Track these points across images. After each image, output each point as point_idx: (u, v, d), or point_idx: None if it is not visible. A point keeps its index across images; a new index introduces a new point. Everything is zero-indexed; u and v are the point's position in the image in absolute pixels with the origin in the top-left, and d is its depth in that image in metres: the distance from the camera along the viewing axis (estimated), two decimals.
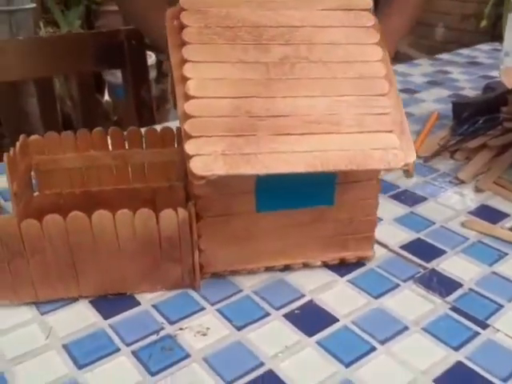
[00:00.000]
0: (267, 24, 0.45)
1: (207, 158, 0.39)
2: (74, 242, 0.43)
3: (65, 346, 0.41)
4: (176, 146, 0.56)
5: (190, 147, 0.39)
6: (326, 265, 0.50)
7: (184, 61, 0.42)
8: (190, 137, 0.39)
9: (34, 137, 0.53)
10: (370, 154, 0.41)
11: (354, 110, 0.43)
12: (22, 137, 0.51)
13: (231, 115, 0.41)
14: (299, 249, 0.48)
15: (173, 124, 0.57)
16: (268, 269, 0.49)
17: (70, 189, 0.55)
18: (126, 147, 0.55)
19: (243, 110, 0.41)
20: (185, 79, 0.41)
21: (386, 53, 0.46)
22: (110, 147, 0.54)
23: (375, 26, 0.47)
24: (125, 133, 0.54)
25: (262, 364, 0.39)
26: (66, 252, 0.43)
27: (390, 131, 0.43)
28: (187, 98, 0.41)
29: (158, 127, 0.55)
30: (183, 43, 0.43)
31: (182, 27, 0.43)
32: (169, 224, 0.43)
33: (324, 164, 0.41)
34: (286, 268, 0.49)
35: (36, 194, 0.54)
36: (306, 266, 0.49)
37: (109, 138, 0.54)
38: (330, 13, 0.47)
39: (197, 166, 0.38)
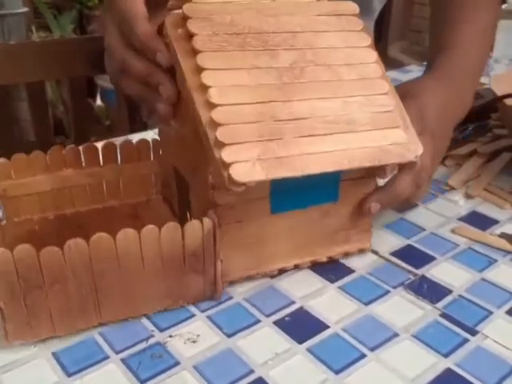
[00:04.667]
0: (270, 30, 0.46)
1: (245, 165, 0.39)
2: (98, 266, 0.40)
3: (54, 354, 0.41)
4: (152, 158, 0.56)
5: (227, 155, 0.39)
6: (316, 271, 0.50)
7: (200, 69, 0.42)
8: (223, 145, 0.39)
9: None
10: (386, 150, 0.44)
11: (363, 109, 0.45)
12: None
13: (257, 121, 0.41)
14: (308, 247, 0.50)
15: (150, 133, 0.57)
16: (280, 271, 0.49)
17: (41, 214, 0.52)
18: (101, 163, 0.54)
19: (267, 115, 0.42)
20: (204, 87, 0.41)
21: (378, 55, 0.49)
22: (84, 164, 0.53)
23: (364, 29, 0.49)
24: (99, 148, 0.53)
25: (251, 371, 0.39)
26: (88, 278, 0.40)
27: (397, 127, 0.46)
28: (211, 106, 0.41)
29: (137, 137, 0.55)
30: (194, 51, 0.42)
31: (188, 35, 0.43)
32: (194, 235, 0.42)
33: (350, 162, 0.43)
34: (278, 273, 0.49)
35: (3, 223, 0.51)
36: (296, 267, 0.50)
37: (82, 155, 0.53)
38: (325, 18, 0.48)
39: (237, 173, 0.39)
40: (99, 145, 0.54)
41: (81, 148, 0.53)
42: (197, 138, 0.44)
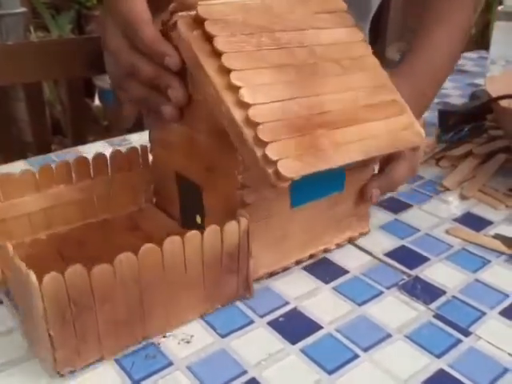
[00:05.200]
0: (279, 29, 0.47)
1: (288, 161, 0.40)
2: (145, 279, 0.39)
3: None
4: (141, 166, 0.55)
5: (272, 152, 0.40)
6: (310, 272, 0.50)
7: (226, 69, 0.42)
8: (265, 143, 0.40)
9: None
10: (400, 136, 0.47)
11: (372, 99, 0.48)
12: None
13: (286, 118, 0.42)
14: (320, 237, 0.52)
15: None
16: (297, 262, 0.51)
17: (33, 235, 0.50)
18: (91, 174, 0.53)
19: (294, 112, 0.43)
20: (234, 88, 0.41)
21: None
22: (74, 178, 0.52)
23: (356, 25, 0.51)
24: (90, 160, 0.52)
25: (245, 372, 0.39)
26: (136, 293, 0.39)
27: (403, 113, 0.49)
28: (245, 105, 0.41)
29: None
30: (215, 53, 0.43)
31: (206, 36, 0.43)
32: (232, 236, 0.43)
33: (375, 150, 0.45)
34: (272, 274, 0.49)
35: None
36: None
37: (72, 169, 0.51)
38: (321, 15, 0.50)
39: (285, 169, 0.40)
40: (90, 156, 0.53)
41: (71, 162, 0.51)
42: (214, 139, 0.45)
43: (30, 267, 0.36)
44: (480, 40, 2.52)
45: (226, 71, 0.42)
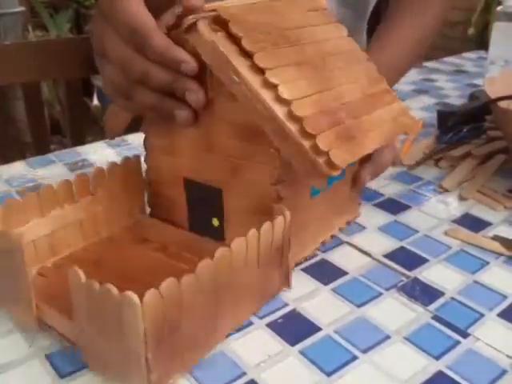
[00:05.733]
0: (286, 27, 0.47)
1: (336, 150, 0.42)
2: (219, 284, 0.39)
3: (47, 356, 0.41)
4: (136, 176, 0.55)
5: (322, 143, 0.41)
6: (310, 273, 0.50)
7: (259, 69, 0.43)
8: (313, 135, 0.41)
9: None
10: (399, 121, 0.50)
11: (371, 89, 0.50)
12: None
13: (321, 110, 0.44)
14: (328, 223, 0.55)
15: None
16: (314, 250, 0.53)
17: (39, 263, 0.47)
18: (91, 191, 0.51)
19: (324, 104, 0.44)
20: (271, 85, 0.42)
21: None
22: (76, 196, 0.50)
23: (338, 21, 0.53)
24: (90, 175, 0.51)
25: (244, 374, 0.39)
26: (212, 300, 0.38)
27: (394, 102, 0.51)
28: (285, 102, 0.42)
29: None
30: (244, 52, 0.43)
31: (231, 37, 0.43)
32: (279, 231, 0.44)
33: (389, 136, 0.48)
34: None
35: None
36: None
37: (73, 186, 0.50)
38: (310, 13, 0.51)
39: (336, 158, 0.41)
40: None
41: (72, 180, 0.50)
42: (241, 139, 0.45)
43: (54, 295, 0.35)
44: (479, 40, 2.52)
45: (258, 70, 0.42)
